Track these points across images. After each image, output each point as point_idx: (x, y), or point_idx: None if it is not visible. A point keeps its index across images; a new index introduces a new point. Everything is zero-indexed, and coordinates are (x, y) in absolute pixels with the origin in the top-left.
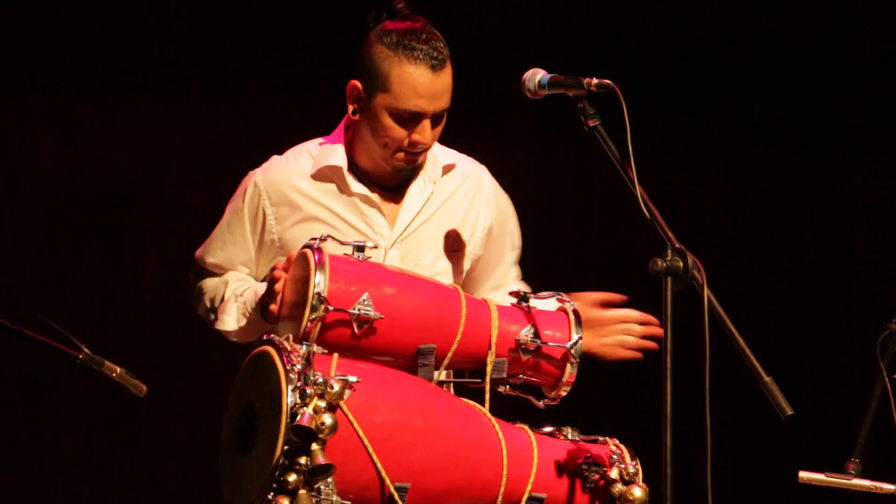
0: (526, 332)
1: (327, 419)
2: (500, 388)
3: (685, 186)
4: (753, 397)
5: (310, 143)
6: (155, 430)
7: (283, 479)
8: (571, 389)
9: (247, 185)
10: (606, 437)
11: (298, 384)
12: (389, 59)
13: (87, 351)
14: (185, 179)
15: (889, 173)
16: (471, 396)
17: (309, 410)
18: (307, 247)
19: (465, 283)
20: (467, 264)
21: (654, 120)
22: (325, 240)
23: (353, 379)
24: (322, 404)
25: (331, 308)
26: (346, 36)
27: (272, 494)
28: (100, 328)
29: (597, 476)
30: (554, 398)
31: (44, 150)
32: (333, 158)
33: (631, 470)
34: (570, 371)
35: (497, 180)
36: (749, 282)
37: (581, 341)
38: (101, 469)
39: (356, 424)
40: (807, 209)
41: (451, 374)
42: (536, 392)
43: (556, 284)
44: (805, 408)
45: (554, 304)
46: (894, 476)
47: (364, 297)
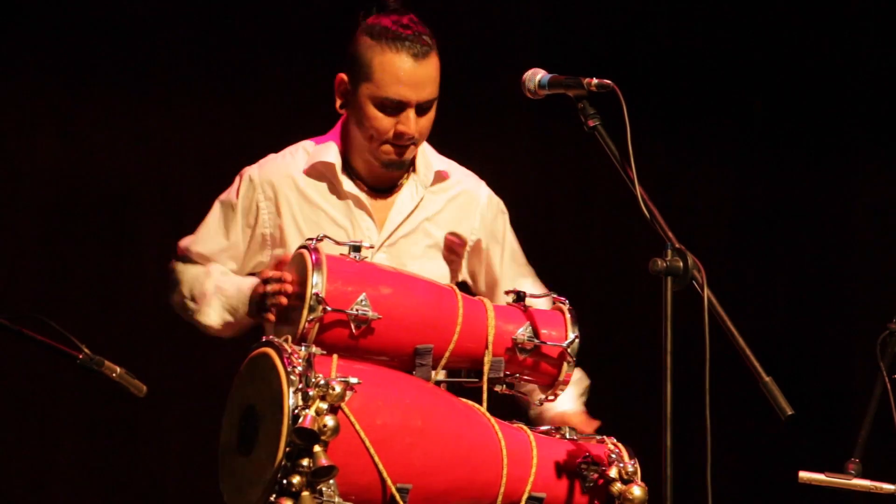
0: (523, 332)
1: (329, 421)
2: (497, 388)
3: (685, 186)
4: (753, 397)
5: (306, 142)
6: (155, 430)
7: (285, 481)
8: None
9: (241, 179)
10: (604, 437)
11: (300, 386)
12: (372, 49)
13: (87, 351)
14: (185, 179)
15: (889, 173)
16: (468, 396)
17: (311, 412)
18: (303, 247)
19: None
20: (455, 277)
21: (654, 119)
22: (322, 240)
23: (354, 380)
24: (324, 406)
25: (329, 308)
26: (346, 36)
27: (274, 496)
28: (100, 328)
29: (596, 475)
30: (550, 397)
31: (44, 150)
32: (327, 155)
33: (630, 469)
34: (566, 370)
35: (497, 181)
36: (749, 282)
37: (577, 340)
38: (101, 469)
39: (357, 426)
40: (807, 209)
41: (448, 374)
42: (533, 392)
43: (557, 284)
44: (805, 408)
45: (549, 303)
46: (894, 476)
47: (361, 297)
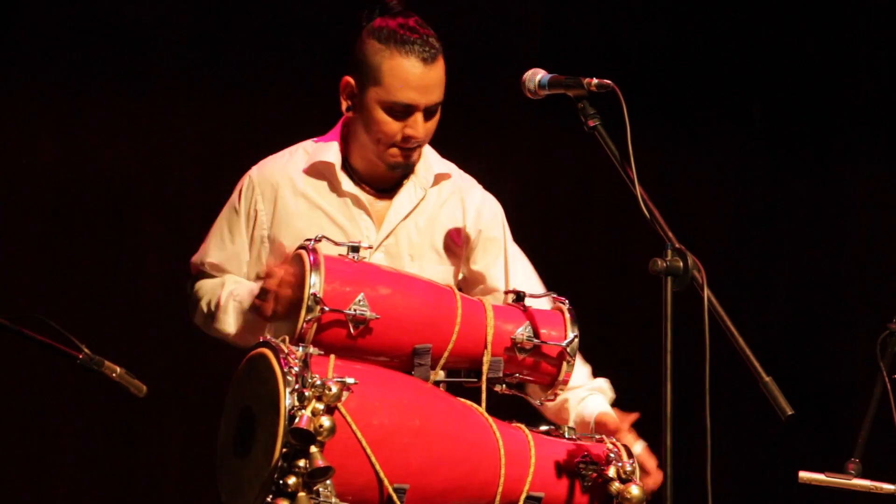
0: (522, 331)
1: (325, 422)
2: (496, 388)
3: (685, 186)
4: (753, 397)
5: (306, 142)
6: (155, 430)
7: (282, 482)
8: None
9: (242, 182)
10: (603, 436)
11: (296, 386)
12: (381, 53)
13: (87, 351)
14: (185, 179)
15: (889, 173)
16: (467, 396)
17: (307, 413)
18: (302, 247)
19: None
20: (455, 278)
21: (654, 120)
22: (320, 240)
23: (350, 381)
24: (320, 407)
25: (326, 309)
26: (347, 36)
27: (271, 497)
28: (100, 328)
29: (594, 474)
30: (550, 397)
31: (44, 150)
32: (327, 155)
33: (628, 468)
34: (566, 370)
35: (497, 181)
36: (749, 282)
37: (577, 340)
38: (101, 469)
39: (354, 426)
40: (807, 209)
41: (448, 374)
42: (532, 391)
43: (557, 284)
44: (805, 408)
45: (549, 302)
46: (894, 476)
47: (360, 297)
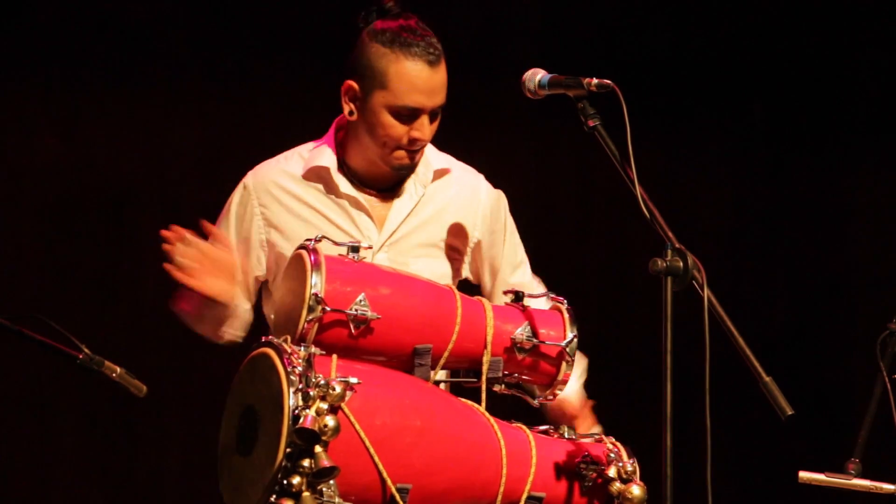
0: (521, 331)
1: (330, 421)
2: (496, 388)
3: (685, 186)
4: (753, 397)
5: (301, 147)
6: (155, 430)
7: (285, 482)
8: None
9: (237, 189)
10: (603, 436)
11: (300, 386)
12: (386, 57)
13: (87, 351)
14: (185, 179)
15: (889, 173)
16: (466, 396)
17: (311, 413)
18: (302, 248)
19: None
20: (458, 275)
21: (654, 120)
22: (321, 240)
23: (353, 380)
24: (324, 406)
25: (328, 309)
26: (346, 37)
27: (275, 497)
28: (100, 328)
29: (595, 475)
30: (549, 397)
31: (44, 150)
32: (322, 159)
33: (629, 468)
34: (565, 370)
35: (498, 180)
36: (749, 282)
37: (576, 339)
38: (101, 469)
39: (357, 426)
40: (807, 209)
41: (450, 374)
42: (532, 391)
43: (557, 284)
44: (805, 408)
45: (547, 302)
46: (894, 476)
47: (360, 297)
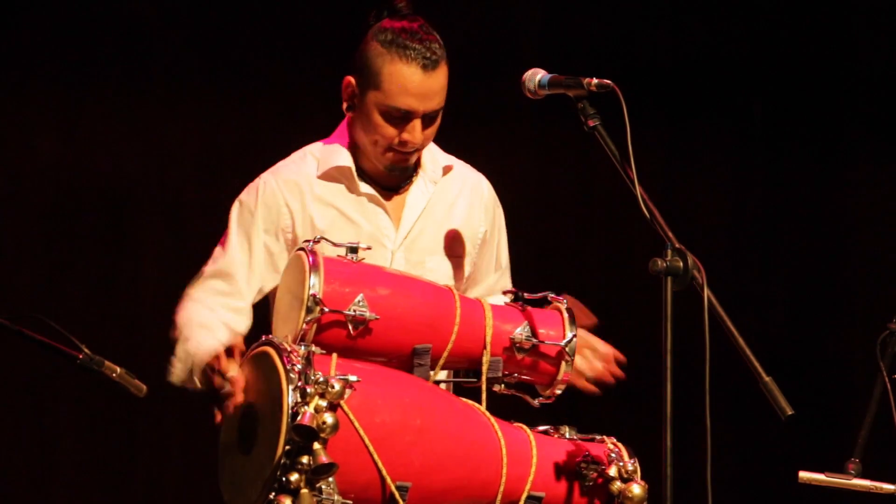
0: (520, 331)
1: (328, 418)
2: (496, 388)
3: (685, 186)
4: (753, 397)
5: (311, 146)
6: (155, 430)
7: (284, 479)
8: (567, 388)
9: (256, 187)
10: (604, 436)
11: (299, 384)
12: (382, 57)
13: (87, 351)
14: (185, 179)
15: (889, 173)
16: (466, 396)
17: (310, 410)
18: (301, 249)
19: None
20: (468, 270)
21: (654, 120)
22: (319, 241)
23: (353, 378)
24: (323, 404)
25: (326, 309)
26: (347, 36)
27: (274, 494)
28: (100, 328)
29: (595, 474)
30: (549, 397)
31: (44, 150)
32: (339, 159)
33: (629, 468)
34: (564, 369)
35: (498, 180)
36: (749, 282)
37: (575, 339)
38: (101, 469)
39: (357, 424)
40: (807, 209)
41: (451, 374)
42: (531, 391)
43: (556, 284)
44: (805, 408)
45: (547, 302)
46: (894, 476)
47: (359, 297)
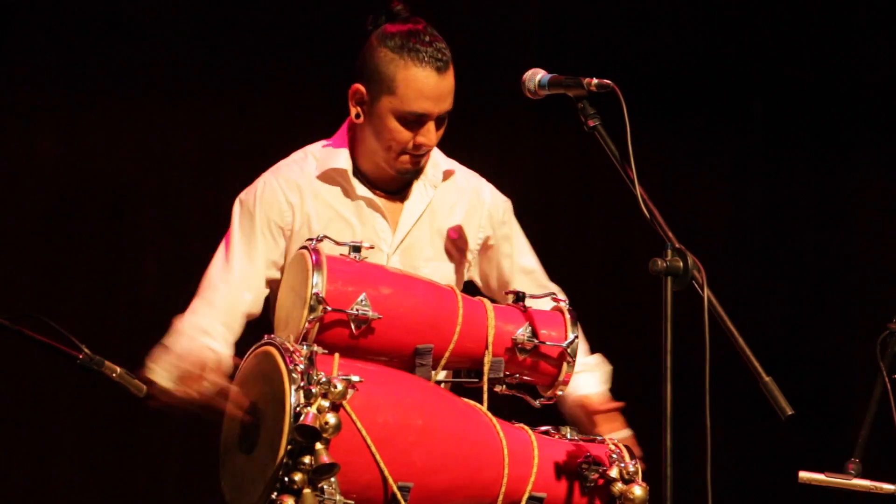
0: (522, 332)
1: (331, 419)
2: (497, 388)
3: (685, 186)
4: (753, 397)
5: (312, 147)
6: (155, 430)
7: (287, 479)
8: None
9: (256, 187)
10: (605, 437)
11: (301, 384)
12: (395, 62)
13: (87, 351)
14: (185, 179)
15: (889, 173)
16: (468, 396)
17: (313, 410)
18: (304, 248)
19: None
20: (466, 276)
21: (654, 120)
22: (322, 240)
23: (355, 378)
24: (325, 404)
25: (329, 308)
26: (347, 37)
27: (276, 494)
28: (100, 328)
29: (596, 475)
30: (550, 397)
31: (44, 150)
32: (338, 161)
33: (631, 469)
34: (566, 370)
35: (498, 180)
36: (749, 282)
37: (577, 340)
38: (101, 469)
39: (359, 424)
40: (807, 209)
41: (451, 374)
42: (533, 391)
43: (557, 284)
44: (805, 408)
45: (549, 303)
46: (894, 476)
47: (362, 297)
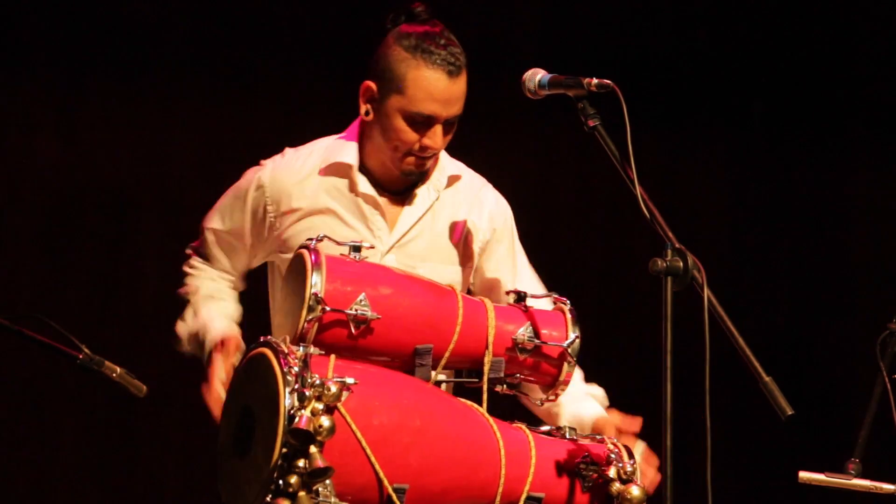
0: (523, 332)
1: (325, 421)
2: (497, 388)
3: (685, 186)
4: (753, 397)
5: (325, 140)
6: (155, 430)
7: (282, 482)
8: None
9: (252, 178)
10: (604, 437)
11: (296, 386)
12: (406, 62)
13: (87, 351)
14: (185, 179)
15: (889, 173)
16: (468, 396)
17: (306, 413)
18: (303, 247)
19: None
20: (466, 281)
21: (654, 120)
22: (322, 240)
23: (350, 381)
24: (320, 406)
25: (327, 308)
26: (347, 36)
27: (271, 496)
28: (100, 328)
29: (595, 475)
30: (551, 397)
31: (44, 150)
32: (345, 155)
33: (629, 469)
34: (567, 370)
35: (498, 180)
36: (749, 282)
37: (578, 340)
38: (101, 469)
39: (354, 426)
40: (807, 209)
41: (452, 374)
42: (534, 391)
43: (556, 284)
44: (805, 408)
45: (550, 303)
46: (894, 476)
47: (361, 297)
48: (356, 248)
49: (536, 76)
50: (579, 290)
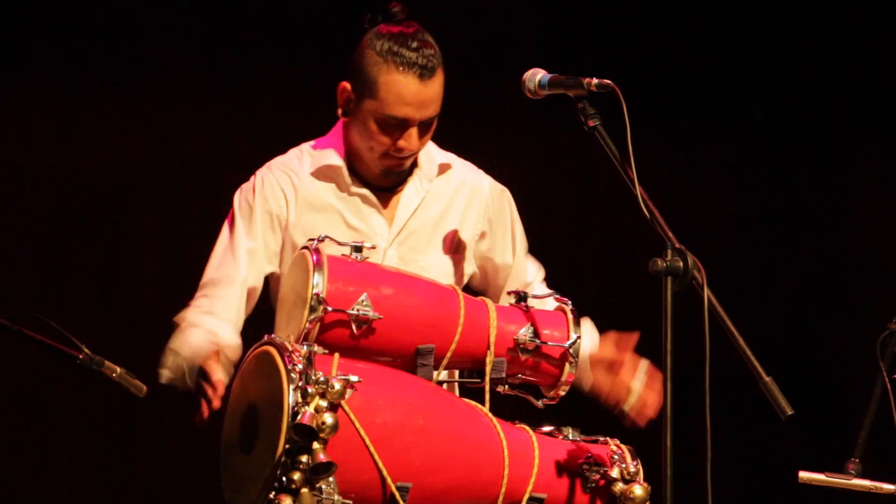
0: (525, 332)
1: (328, 418)
2: (499, 388)
3: (685, 186)
4: (753, 397)
5: (306, 145)
6: (155, 430)
7: (285, 478)
8: (570, 389)
9: (253, 181)
10: (607, 437)
11: (300, 383)
12: (378, 66)
13: (87, 351)
14: (185, 179)
15: (889, 173)
16: (470, 396)
17: (310, 409)
18: (305, 248)
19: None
20: (467, 269)
21: (654, 120)
22: (323, 240)
23: (354, 378)
24: (323, 403)
25: (329, 309)
26: (347, 37)
27: (274, 493)
28: (100, 328)
29: (597, 476)
30: (553, 398)
31: (44, 150)
32: (332, 158)
33: (632, 469)
34: (568, 370)
35: (497, 180)
36: (749, 282)
37: (580, 340)
38: (101, 469)
39: (357, 424)
40: (807, 209)
41: (455, 374)
42: (535, 391)
43: (556, 284)
44: (805, 408)
45: (552, 303)
46: (894, 476)
47: (363, 297)
48: (357, 249)
49: (536, 76)
50: (579, 290)
